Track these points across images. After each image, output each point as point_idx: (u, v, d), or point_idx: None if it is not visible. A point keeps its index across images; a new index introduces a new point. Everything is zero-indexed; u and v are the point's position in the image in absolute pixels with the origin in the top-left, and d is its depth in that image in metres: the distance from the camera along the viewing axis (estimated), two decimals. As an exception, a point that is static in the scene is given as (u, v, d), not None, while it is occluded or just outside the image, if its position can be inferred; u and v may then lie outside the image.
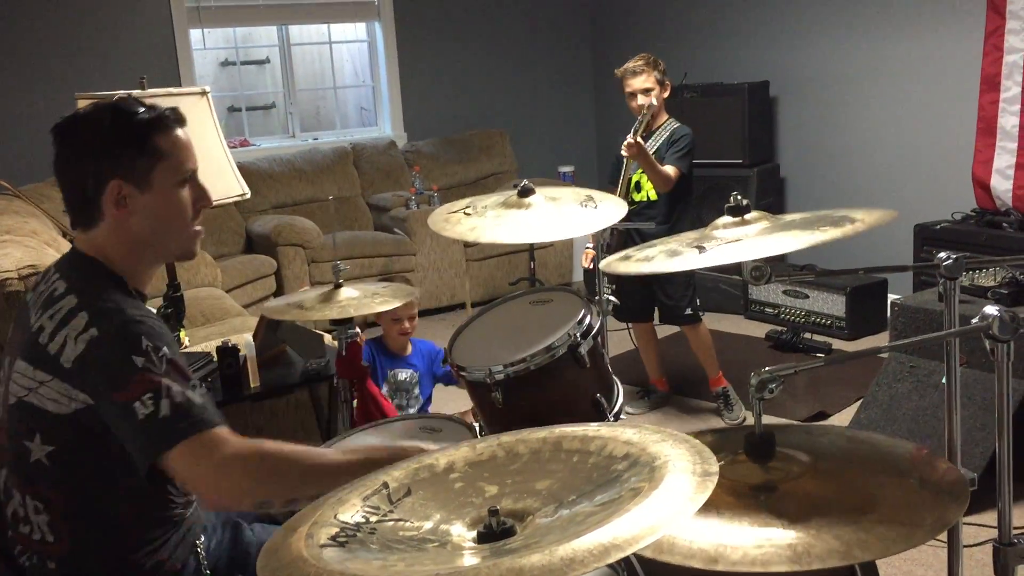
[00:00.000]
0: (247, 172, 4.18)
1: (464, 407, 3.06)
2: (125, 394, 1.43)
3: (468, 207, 2.50)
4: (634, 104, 3.77)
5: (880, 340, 4.69)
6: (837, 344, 4.71)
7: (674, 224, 3.74)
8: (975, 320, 1.37)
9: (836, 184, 5.44)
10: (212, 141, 2.91)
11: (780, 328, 4.84)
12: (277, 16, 6.22)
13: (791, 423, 3.54)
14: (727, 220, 1.80)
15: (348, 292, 2.60)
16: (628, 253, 1.91)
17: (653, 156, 3.66)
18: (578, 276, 5.98)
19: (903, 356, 3.42)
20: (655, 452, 1.22)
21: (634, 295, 3.91)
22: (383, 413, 2.74)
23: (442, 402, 3.65)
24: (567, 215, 2.47)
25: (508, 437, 1.39)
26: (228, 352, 2.71)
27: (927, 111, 4.87)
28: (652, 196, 3.81)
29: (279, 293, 5.25)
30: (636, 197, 3.83)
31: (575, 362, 2.02)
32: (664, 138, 3.79)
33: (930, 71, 4.82)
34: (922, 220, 4.48)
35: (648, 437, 1.27)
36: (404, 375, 3.34)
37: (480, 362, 2.05)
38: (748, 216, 1.80)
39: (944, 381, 1.67)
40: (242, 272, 5.16)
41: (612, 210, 2.49)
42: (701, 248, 1.72)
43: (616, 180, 3.91)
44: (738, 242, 1.72)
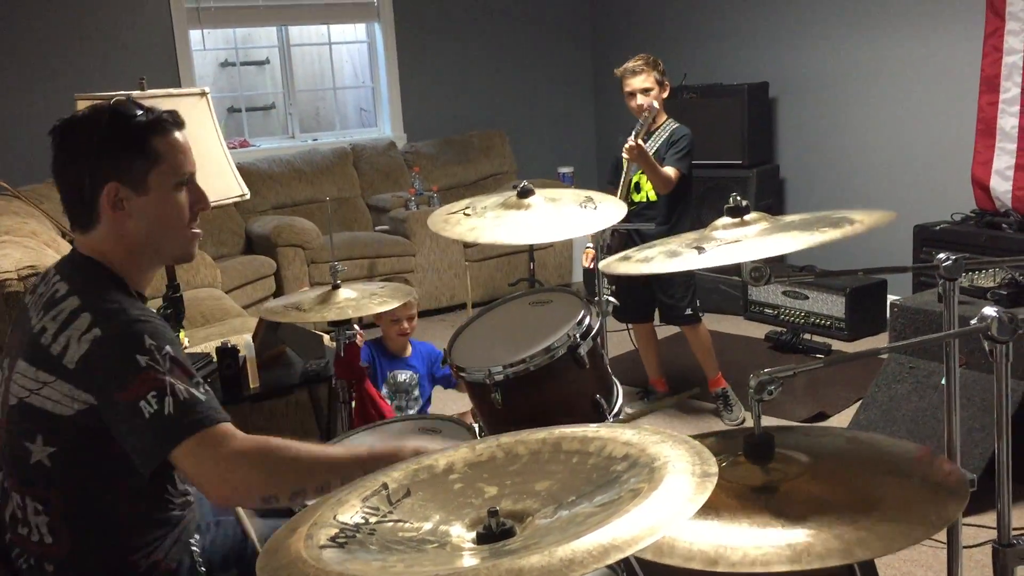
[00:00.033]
0: (247, 173, 4.18)
1: (463, 408, 3.06)
2: (130, 393, 1.44)
3: (468, 208, 2.50)
4: (633, 104, 3.77)
5: (880, 341, 4.69)
6: (837, 345, 4.71)
7: (674, 225, 3.74)
8: (974, 321, 1.37)
9: (835, 185, 5.44)
10: (212, 142, 2.91)
11: (780, 329, 4.84)
12: (277, 17, 6.22)
13: (791, 424, 3.54)
14: (726, 221, 1.80)
15: (346, 293, 2.60)
16: (628, 254, 1.91)
17: (652, 156, 3.66)
18: (577, 277, 5.98)
19: (902, 357, 3.42)
20: (654, 453, 1.22)
21: (634, 295, 3.91)
22: (381, 414, 2.74)
23: (441, 403, 3.65)
24: (566, 216, 2.47)
25: (507, 438, 1.39)
26: (228, 353, 2.71)
27: (926, 112, 4.88)
28: (652, 197, 3.81)
29: (279, 294, 5.25)
30: (636, 198, 3.83)
31: (574, 363, 2.02)
32: (663, 139, 3.79)
33: (929, 72, 4.82)
34: (921, 221, 4.48)
35: (647, 438, 1.27)
36: (404, 376, 3.34)
37: (479, 363, 2.05)
38: (747, 217, 1.80)
39: (943, 382, 1.67)
40: (242, 273, 5.16)
41: (611, 211, 2.50)
42: (700, 249, 1.72)
43: (616, 181, 3.91)
44: (737, 243, 1.72)
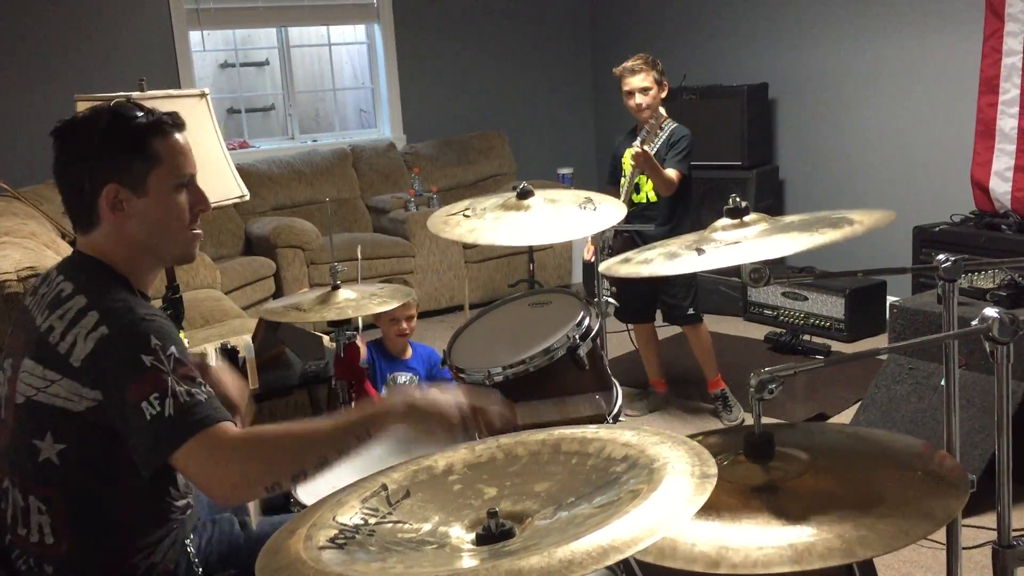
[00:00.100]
0: (246, 174, 4.17)
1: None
2: (133, 393, 1.44)
3: (467, 209, 2.51)
4: (632, 103, 3.77)
5: (879, 342, 4.69)
6: (836, 346, 4.70)
7: (675, 226, 3.74)
8: (975, 322, 1.37)
9: (835, 186, 5.44)
10: (211, 143, 2.90)
11: (779, 330, 4.83)
12: (276, 18, 6.22)
13: (791, 423, 3.54)
14: (726, 222, 1.80)
15: (346, 294, 2.60)
16: (628, 256, 1.91)
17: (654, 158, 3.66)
18: (577, 278, 5.98)
19: (902, 358, 3.42)
20: (654, 454, 1.22)
21: (636, 296, 3.91)
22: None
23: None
24: (566, 217, 2.47)
25: (507, 439, 1.40)
26: (227, 354, 2.71)
27: (926, 113, 4.88)
28: (652, 197, 3.81)
29: (278, 295, 5.25)
30: (636, 199, 3.83)
31: (574, 364, 2.02)
32: (663, 139, 3.78)
33: (929, 73, 4.82)
34: (921, 222, 4.47)
35: (647, 439, 1.27)
36: (404, 379, 3.34)
37: (479, 364, 2.05)
38: (747, 218, 1.80)
39: (943, 383, 1.67)
40: (241, 274, 5.16)
41: (611, 212, 2.50)
42: (700, 250, 1.72)
43: (616, 180, 3.91)
44: (737, 244, 1.72)
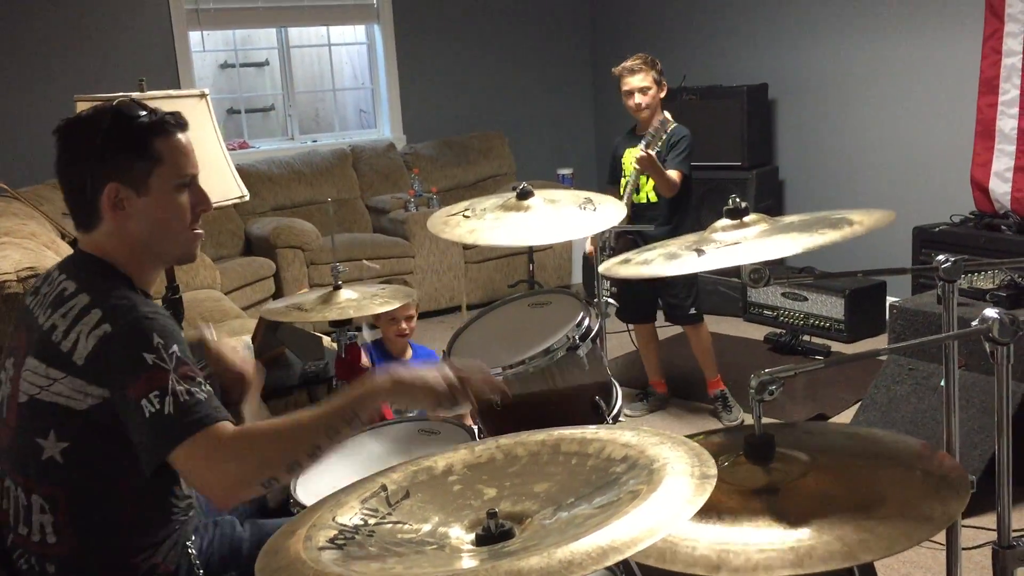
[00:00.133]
0: (246, 174, 4.17)
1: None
2: (134, 390, 1.44)
3: (467, 209, 2.51)
4: (631, 103, 3.77)
5: (879, 342, 4.69)
6: (836, 346, 4.70)
7: (676, 226, 3.73)
8: (975, 323, 1.37)
9: (835, 186, 5.44)
10: (211, 143, 2.90)
11: (779, 330, 4.83)
12: (276, 18, 6.22)
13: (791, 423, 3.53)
14: (726, 223, 1.80)
15: (347, 294, 2.60)
16: (628, 256, 1.92)
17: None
18: (577, 278, 5.98)
19: (902, 358, 3.42)
20: (653, 455, 1.22)
21: (637, 296, 3.92)
22: (381, 415, 2.74)
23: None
24: (566, 217, 2.47)
25: (506, 439, 1.40)
26: (227, 354, 2.71)
27: (926, 114, 4.88)
28: (652, 198, 3.81)
29: (278, 295, 5.25)
30: (636, 199, 3.82)
31: (574, 364, 2.02)
32: (663, 139, 3.78)
33: (929, 74, 4.82)
34: (921, 223, 4.47)
35: (647, 439, 1.27)
36: (403, 378, 3.33)
37: (479, 364, 2.04)
38: (747, 219, 1.80)
39: (943, 383, 1.67)
40: (241, 274, 5.16)
41: (611, 212, 2.50)
42: (700, 251, 1.72)
43: (616, 180, 3.91)
44: (737, 245, 1.72)
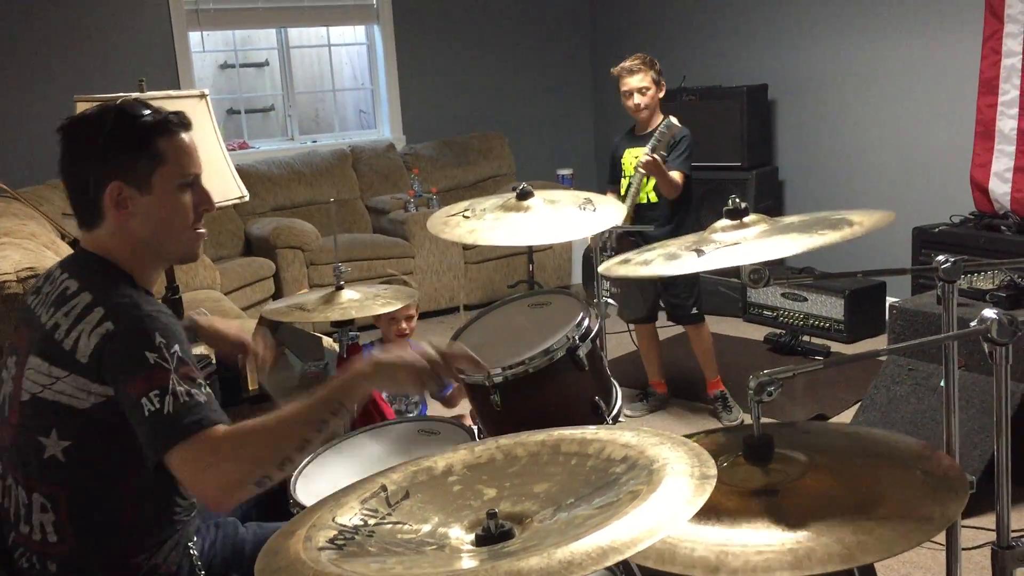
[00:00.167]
0: (246, 174, 4.18)
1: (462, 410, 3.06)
2: (135, 389, 1.44)
3: (467, 210, 2.51)
4: (630, 103, 3.78)
5: (879, 343, 4.69)
6: (836, 347, 4.70)
7: (677, 226, 3.73)
8: (973, 323, 1.37)
9: (835, 187, 5.44)
10: (211, 144, 2.91)
11: (779, 331, 4.83)
12: (276, 19, 6.22)
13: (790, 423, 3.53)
14: (725, 223, 1.80)
15: (349, 294, 2.60)
16: (627, 256, 1.92)
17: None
18: (577, 279, 5.98)
19: (901, 359, 3.42)
20: (653, 455, 1.22)
21: (640, 296, 3.92)
22: (382, 415, 2.74)
23: (440, 406, 3.64)
24: (566, 218, 2.48)
25: (506, 440, 1.39)
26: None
27: (925, 114, 4.88)
28: (652, 198, 3.80)
29: (278, 296, 5.25)
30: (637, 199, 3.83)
31: (573, 365, 2.02)
32: (669, 143, 3.78)
33: (928, 74, 4.82)
34: (920, 223, 4.47)
35: (646, 440, 1.27)
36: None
37: (478, 365, 2.04)
38: (746, 219, 1.80)
39: (942, 384, 1.67)
40: (241, 275, 5.16)
41: (610, 213, 2.50)
42: (699, 251, 1.72)
43: (616, 180, 3.91)
44: (736, 245, 1.72)
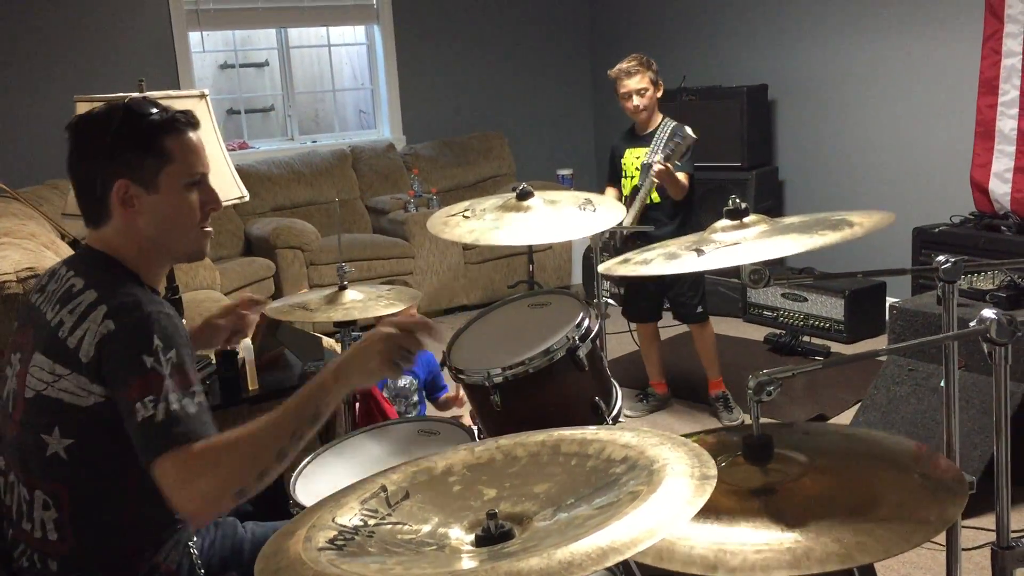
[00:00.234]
0: (246, 175, 4.18)
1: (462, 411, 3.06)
2: (130, 392, 1.44)
3: (467, 210, 2.51)
4: (629, 105, 3.77)
5: (879, 343, 4.69)
6: (836, 347, 4.70)
7: (680, 226, 3.73)
8: (973, 323, 1.37)
9: (835, 187, 5.44)
10: (211, 144, 2.90)
11: (779, 331, 4.83)
12: (276, 19, 6.22)
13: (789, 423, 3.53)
14: (726, 223, 1.80)
15: (352, 295, 2.60)
16: (628, 256, 1.92)
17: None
18: (577, 279, 5.98)
19: (902, 359, 3.42)
20: (653, 455, 1.22)
21: (644, 295, 3.92)
22: (384, 415, 2.75)
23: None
24: (565, 218, 2.48)
25: (506, 440, 1.39)
26: (227, 355, 2.71)
27: (925, 114, 4.88)
28: (655, 198, 3.80)
29: (278, 296, 5.25)
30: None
31: (573, 365, 2.02)
32: (664, 142, 3.78)
33: (928, 74, 4.82)
34: (920, 223, 4.47)
35: (646, 440, 1.27)
36: (404, 381, 3.34)
37: (478, 365, 2.05)
38: (746, 219, 1.80)
39: (943, 384, 1.67)
40: (241, 275, 5.16)
41: (610, 213, 2.50)
42: (700, 251, 1.72)
43: (616, 180, 3.91)
44: (736, 245, 1.72)
